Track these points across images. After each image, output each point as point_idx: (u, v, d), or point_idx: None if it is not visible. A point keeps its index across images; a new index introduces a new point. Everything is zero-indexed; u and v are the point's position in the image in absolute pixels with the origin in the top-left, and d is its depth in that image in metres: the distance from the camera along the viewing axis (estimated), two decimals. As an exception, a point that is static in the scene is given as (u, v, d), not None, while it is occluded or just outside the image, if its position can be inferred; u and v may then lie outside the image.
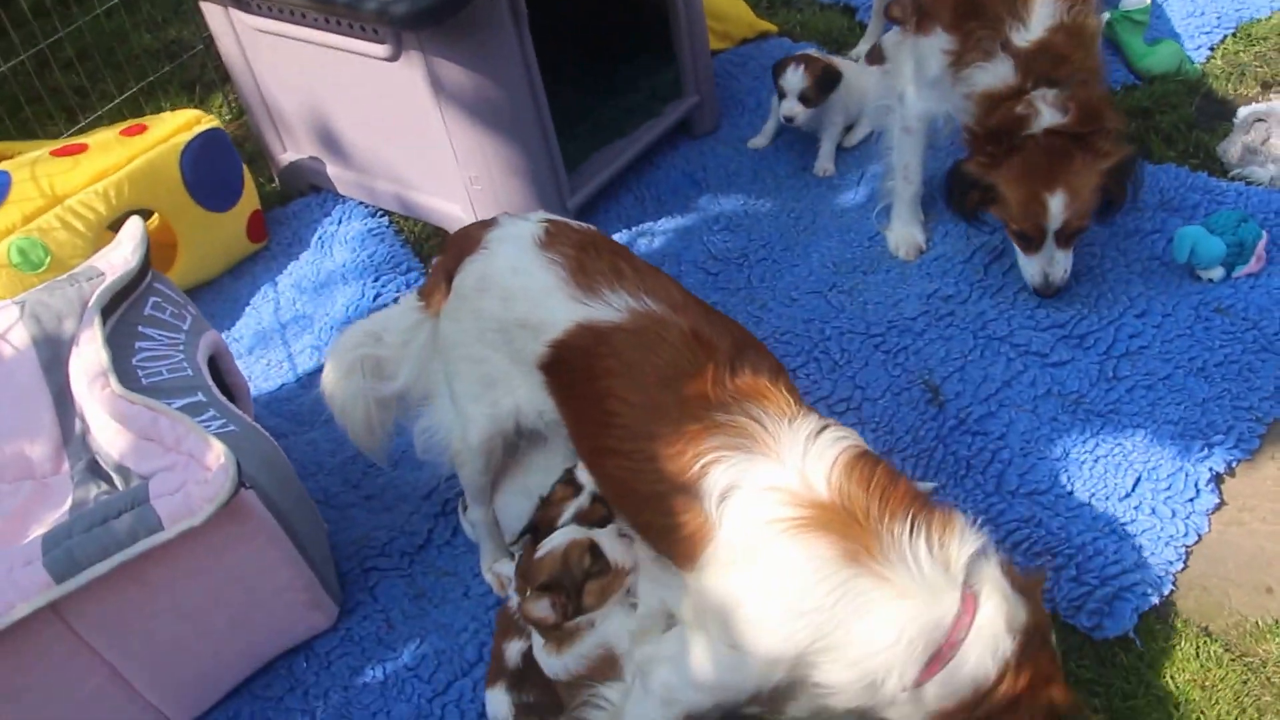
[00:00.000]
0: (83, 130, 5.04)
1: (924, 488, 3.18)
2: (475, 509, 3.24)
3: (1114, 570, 3.05)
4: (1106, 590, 3.00)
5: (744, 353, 2.56)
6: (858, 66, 4.93)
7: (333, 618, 3.28)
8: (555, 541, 2.75)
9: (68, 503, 3.16)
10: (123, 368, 3.09)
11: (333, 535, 3.51)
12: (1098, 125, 3.51)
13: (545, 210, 3.58)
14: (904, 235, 4.19)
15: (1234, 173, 4.26)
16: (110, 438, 2.98)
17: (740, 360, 2.52)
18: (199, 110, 4.55)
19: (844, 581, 2.25)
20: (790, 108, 4.54)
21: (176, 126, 4.37)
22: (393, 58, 3.96)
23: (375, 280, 4.42)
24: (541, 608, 2.66)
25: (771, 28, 5.57)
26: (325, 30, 4.09)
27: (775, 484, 2.34)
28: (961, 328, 3.81)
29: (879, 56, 4.84)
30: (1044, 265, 3.70)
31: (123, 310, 3.30)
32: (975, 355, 3.71)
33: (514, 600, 2.94)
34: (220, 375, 3.46)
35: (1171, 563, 3.08)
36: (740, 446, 2.39)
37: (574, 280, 2.67)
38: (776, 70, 4.61)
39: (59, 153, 4.23)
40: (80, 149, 4.24)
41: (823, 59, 4.68)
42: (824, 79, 4.53)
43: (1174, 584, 3.05)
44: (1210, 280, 3.79)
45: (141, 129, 4.34)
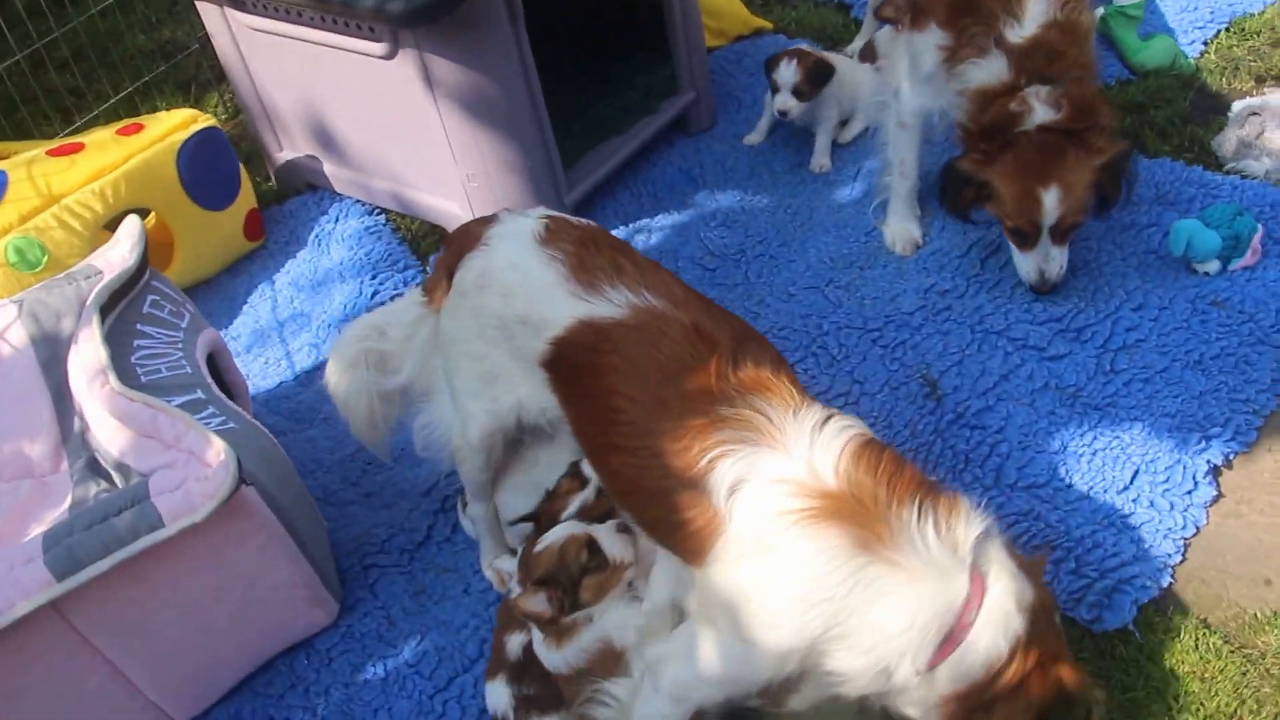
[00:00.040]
0: (78, 130, 5.03)
1: None
2: (475, 505, 3.24)
3: (1113, 563, 3.06)
4: (1106, 583, 3.01)
5: (745, 345, 2.55)
6: (851, 62, 4.95)
7: (333, 615, 3.27)
8: (553, 536, 2.75)
9: (67, 501, 3.16)
10: (122, 365, 3.09)
11: (332, 532, 3.51)
12: (1091, 121, 3.52)
13: (543, 207, 3.58)
14: (900, 230, 4.19)
15: (1229, 167, 4.27)
16: (110, 435, 2.98)
17: (742, 353, 2.52)
18: (195, 109, 4.55)
19: (856, 570, 2.24)
20: (784, 101, 4.55)
21: (173, 125, 4.37)
22: (389, 56, 3.96)
23: (373, 278, 4.41)
24: (537, 602, 2.66)
25: (766, 25, 5.58)
26: (321, 29, 4.09)
27: (783, 476, 2.33)
28: (959, 322, 3.81)
29: (873, 53, 4.86)
30: (1040, 262, 3.70)
31: (121, 308, 3.30)
32: (973, 349, 3.71)
33: (516, 593, 2.93)
34: (219, 373, 3.46)
35: (1170, 555, 3.09)
36: (746, 440, 2.37)
37: (574, 277, 2.67)
38: (769, 65, 4.61)
39: (55, 152, 4.22)
40: (77, 148, 4.23)
41: (815, 53, 4.69)
42: (816, 72, 4.54)
43: (1173, 576, 3.05)
44: (1206, 274, 3.80)
45: (138, 128, 4.34)
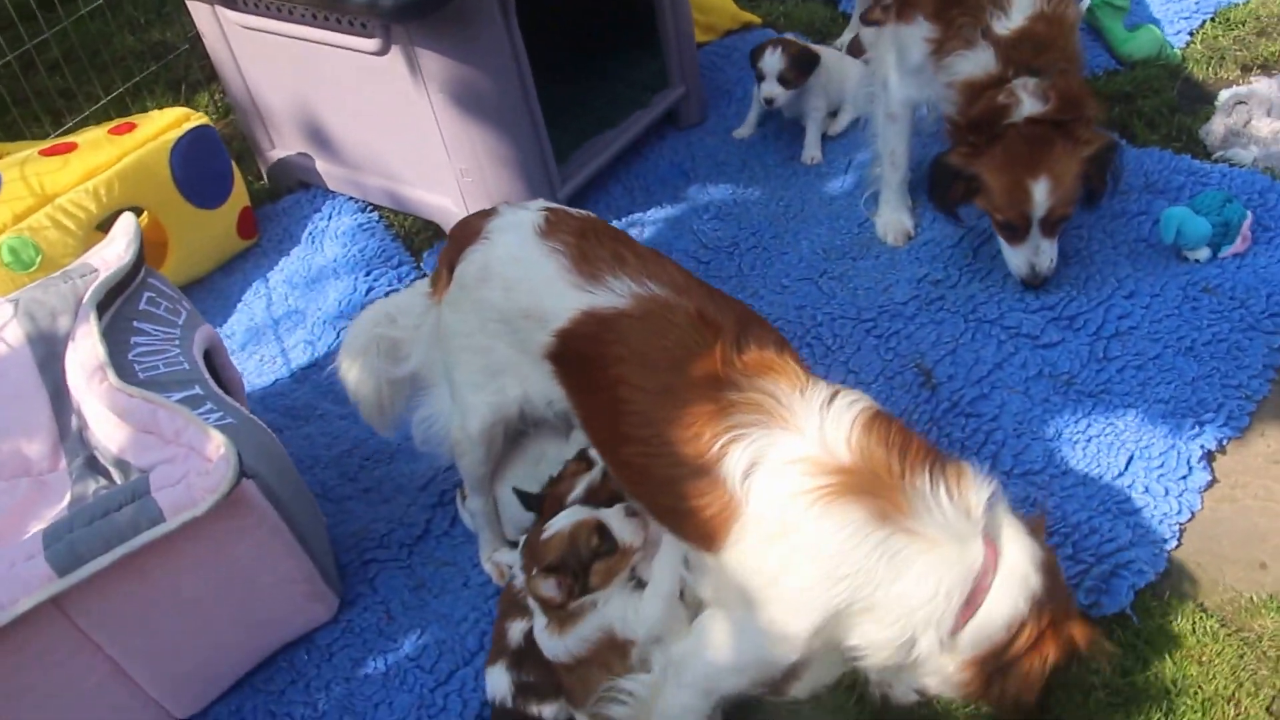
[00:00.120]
0: (69, 132, 5.02)
1: None
2: (475, 498, 3.24)
3: (1110, 548, 3.07)
4: (1103, 568, 3.03)
5: (749, 329, 2.56)
6: (838, 54, 4.96)
7: (333, 610, 3.28)
8: (562, 522, 2.74)
9: (66, 499, 3.15)
10: (119, 362, 3.09)
11: (331, 528, 3.51)
12: (1078, 113, 3.54)
13: (541, 199, 3.58)
14: (892, 221, 4.21)
15: (1217, 155, 4.29)
16: (109, 432, 2.98)
17: (746, 337, 2.53)
18: (187, 108, 4.54)
19: (879, 542, 2.26)
20: (769, 89, 4.56)
21: (165, 124, 4.36)
22: (381, 52, 3.96)
23: (367, 275, 4.41)
24: (548, 587, 2.66)
25: (755, 19, 5.60)
26: (313, 26, 4.08)
27: (797, 455, 2.34)
28: (952, 311, 3.83)
29: (860, 47, 4.87)
30: (1030, 255, 3.71)
31: (118, 306, 3.29)
32: (966, 338, 3.73)
33: (519, 579, 2.93)
34: (215, 370, 3.45)
35: (1166, 540, 3.11)
36: (757, 422, 2.38)
37: (576, 268, 2.66)
38: (754, 54, 4.63)
39: (48, 152, 4.21)
40: (70, 148, 4.22)
41: (799, 42, 4.70)
42: (801, 60, 4.56)
43: (1169, 561, 3.08)
44: (1197, 261, 3.82)
45: (130, 127, 4.33)
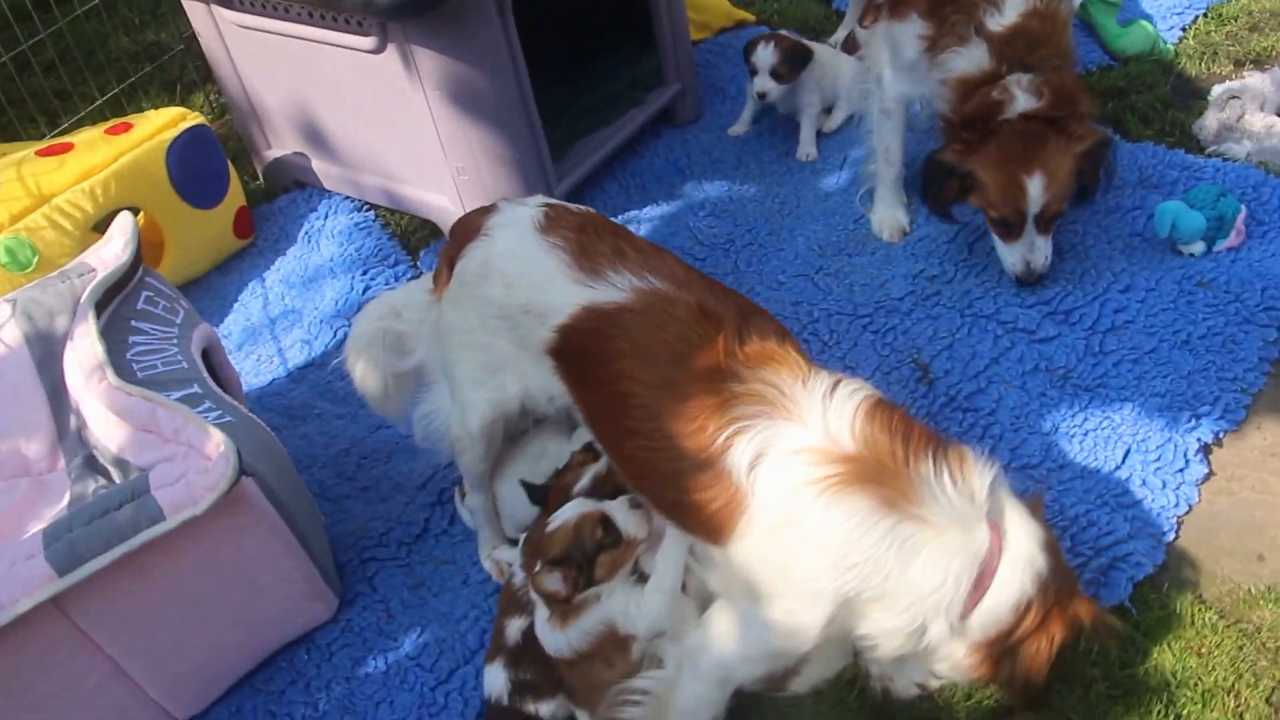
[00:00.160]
0: (65, 133, 5.00)
1: None
2: (474, 495, 3.24)
3: (1108, 541, 3.08)
4: (1101, 560, 3.03)
5: (750, 320, 2.56)
6: (832, 51, 4.98)
7: (333, 609, 3.27)
8: (566, 515, 2.73)
9: (65, 499, 3.14)
10: (118, 362, 3.08)
11: (330, 527, 3.50)
12: (1072, 109, 3.54)
13: (540, 195, 3.58)
14: (888, 217, 4.21)
15: (1210, 149, 4.31)
16: (108, 431, 2.98)
17: (747, 328, 2.53)
18: (183, 108, 4.54)
19: (888, 530, 2.26)
20: (762, 83, 4.57)
21: (161, 124, 4.36)
22: (378, 50, 3.95)
23: (364, 274, 4.41)
24: (553, 581, 2.65)
25: (749, 17, 5.61)
26: (309, 24, 4.08)
27: (802, 445, 2.34)
28: (948, 306, 3.84)
29: (855, 44, 4.88)
30: (1025, 252, 3.71)
31: (115, 305, 3.29)
32: (963, 333, 3.73)
33: (519, 576, 2.93)
34: (213, 369, 3.44)
35: (1164, 533, 3.12)
36: (761, 414, 2.38)
37: (577, 263, 2.66)
38: (748, 49, 4.64)
39: (44, 152, 4.21)
40: (66, 148, 4.22)
41: (792, 37, 4.71)
42: (794, 54, 4.57)
43: (1167, 554, 3.08)
44: (1191, 255, 3.83)
45: (126, 127, 4.32)
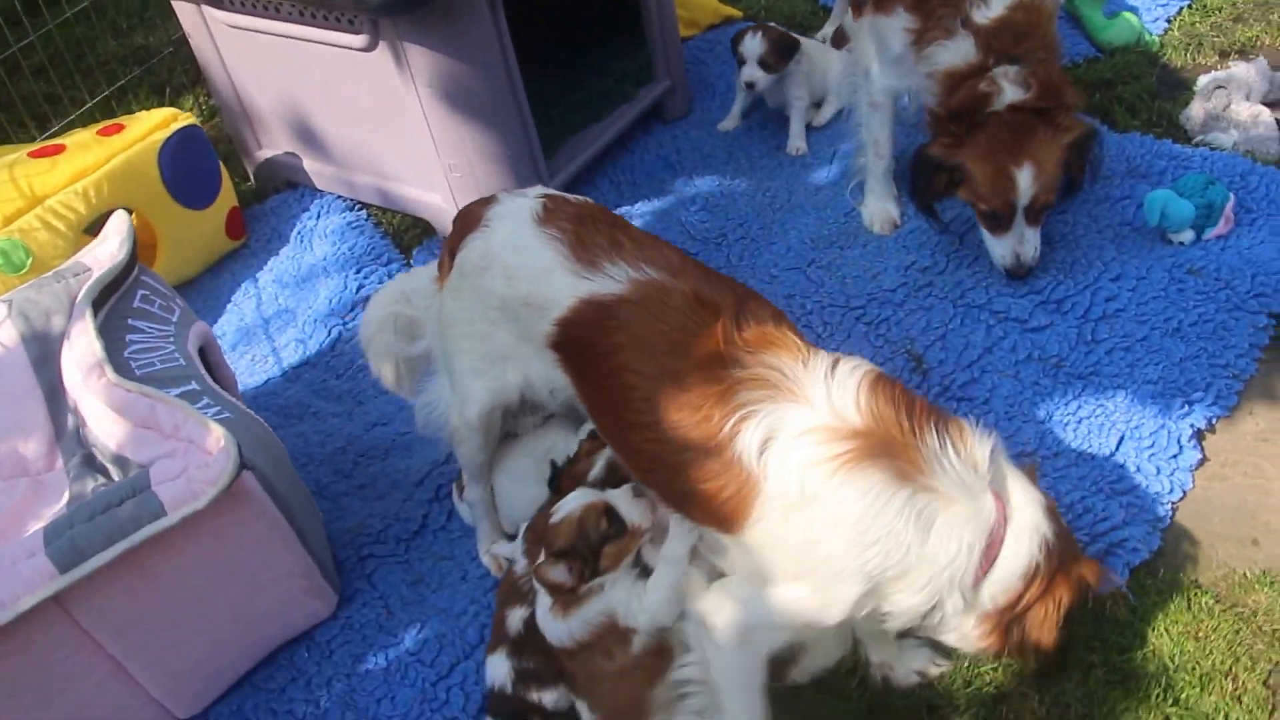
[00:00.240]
0: (55, 136, 4.99)
1: None
2: (473, 488, 3.24)
3: (1104, 527, 3.10)
4: (1098, 547, 3.05)
5: (746, 305, 2.56)
6: (821, 45, 5.00)
7: (332, 606, 3.27)
8: (570, 506, 2.71)
9: (64, 498, 3.14)
10: (116, 360, 3.08)
11: (328, 525, 3.50)
12: (1059, 101, 3.56)
13: (540, 186, 3.58)
14: (878, 210, 4.23)
15: (1197, 139, 4.34)
16: (108, 428, 2.98)
17: (744, 314, 2.53)
18: (174, 108, 4.53)
19: (905, 502, 2.27)
20: (750, 74, 4.58)
21: (153, 124, 4.35)
22: (369, 48, 3.96)
23: (357, 272, 4.41)
24: (558, 573, 2.64)
25: (736, 13, 5.63)
26: (300, 23, 4.08)
27: (811, 425, 2.34)
28: (941, 297, 3.86)
29: (844, 38, 4.89)
30: (1015, 245, 3.72)
31: (112, 303, 3.29)
32: (956, 323, 3.75)
33: (520, 565, 2.93)
34: (210, 367, 3.44)
35: (1159, 518, 3.14)
36: (766, 397, 2.38)
37: (574, 255, 2.66)
38: (735, 40, 4.66)
39: (37, 154, 4.20)
40: (58, 149, 4.22)
41: (780, 28, 4.73)
42: (782, 44, 4.58)
43: (1162, 539, 3.10)
44: (1181, 243, 3.86)
45: (119, 128, 4.32)
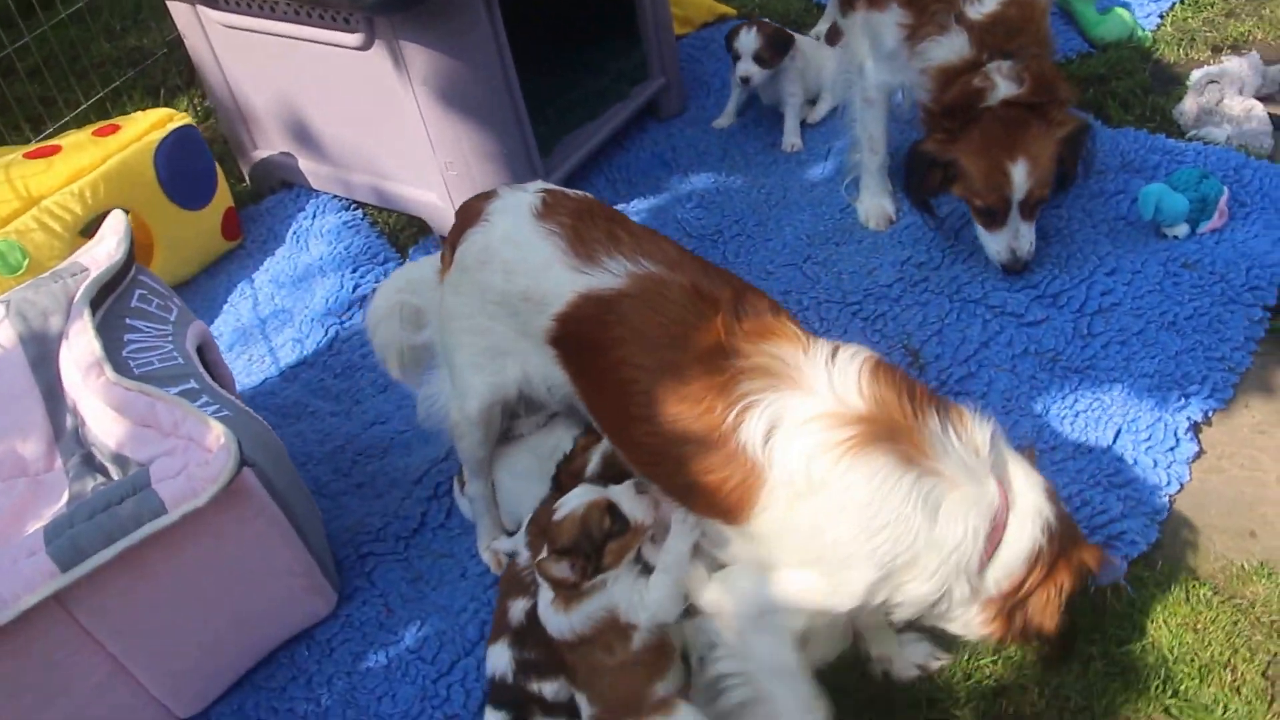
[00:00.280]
0: (50, 137, 4.98)
1: None
2: (474, 483, 3.24)
3: (1102, 520, 3.11)
4: (1096, 539, 3.05)
5: (744, 296, 2.56)
6: (815, 42, 5.01)
7: (332, 604, 3.27)
8: (573, 503, 2.70)
9: (64, 498, 3.14)
10: (115, 359, 3.08)
11: (327, 523, 3.50)
12: (1052, 95, 3.57)
13: (539, 181, 3.57)
14: (874, 206, 4.23)
15: (1191, 134, 4.35)
16: (107, 427, 2.98)
17: (743, 305, 2.52)
18: (169, 109, 4.53)
19: (910, 486, 2.27)
20: (745, 69, 4.59)
21: (149, 125, 4.35)
22: (365, 46, 3.95)
23: (354, 272, 4.41)
24: (561, 569, 2.63)
25: (730, 11, 5.63)
26: (296, 22, 4.07)
27: (815, 412, 2.34)
28: (937, 292, 3.86)
29: (837, 36, 4.90)
30: (1010, 240, 3.73)
31: (110, 303, 3.29)
32: (952, 318, 3.76)
33: (523, 557, 2.93)
34: (208, 366, 3.44)
35: (1157, 511, 3.16)
36: (768, 387, 2.37)
37: (573, 250, 2.66)
38: (730, 36, 4.67)
39: (32, 155, 4.20)
40: (54, 150, 4.21)
41: (775, 24, 4.74)
42: (776, 39, 4.59)
43: (1160, 531, 3.11)
44: (1175, 237, 3.87)
45: (114, 129, 4.32)
